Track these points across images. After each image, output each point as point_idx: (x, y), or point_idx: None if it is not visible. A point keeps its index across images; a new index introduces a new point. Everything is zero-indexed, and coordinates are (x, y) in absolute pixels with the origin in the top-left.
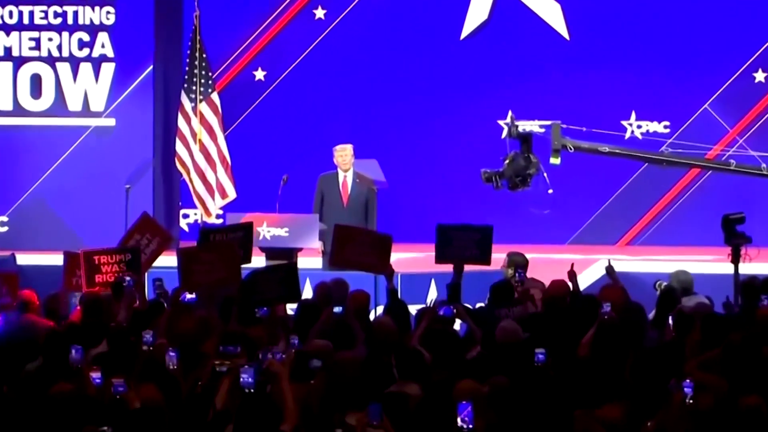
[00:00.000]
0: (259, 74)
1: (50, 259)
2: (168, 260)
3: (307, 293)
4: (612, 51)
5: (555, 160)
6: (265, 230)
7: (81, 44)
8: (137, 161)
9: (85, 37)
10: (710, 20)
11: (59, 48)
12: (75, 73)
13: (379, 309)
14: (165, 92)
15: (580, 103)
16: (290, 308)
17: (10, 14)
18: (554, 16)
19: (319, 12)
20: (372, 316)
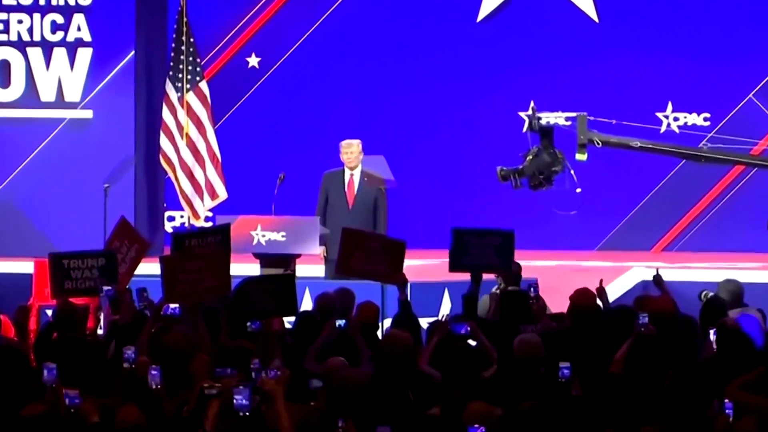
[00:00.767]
0: (253, 60)
1: (19, 267)
2: (153, 268)
3: (307, 304)
4: (646, 35)
5: (581, 156)
6: (260, 234)
7: (54, 27)
8: (117, 158)
9: (59, 19)
10: (755, 0)
11: (30, 31)
12: (48, 60)
13: (387, 322)
14: (148, 81)
15: (610, 93)
16: (287, 321)
17: None
18: None
19: None
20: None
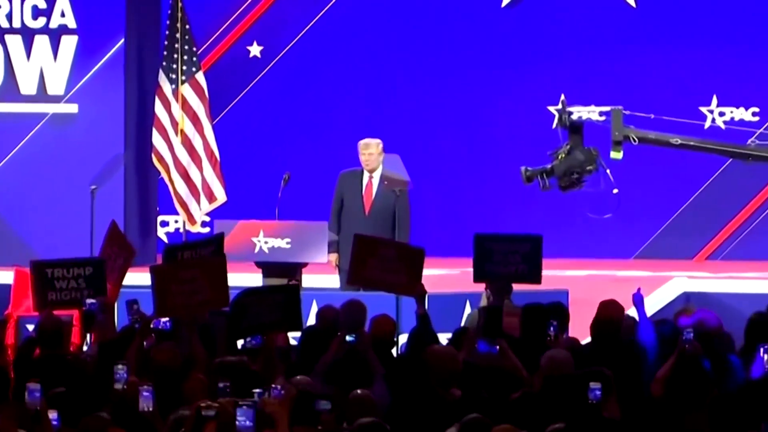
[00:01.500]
0: (255, 50)
1: None
2: (144, 278)
3: (314, 318)
4: (688, 21)
5: (616, 155)
6: (262, 241)
7: (36, 12)
8: (105, 157)
9: (41, 4)
10: None
11: (9, 17)
12: (28, 49)
13: (403, 338)
14: (139, 72)
15: (649, 85)
16: (292, 336)
17: None
18: None
19: None
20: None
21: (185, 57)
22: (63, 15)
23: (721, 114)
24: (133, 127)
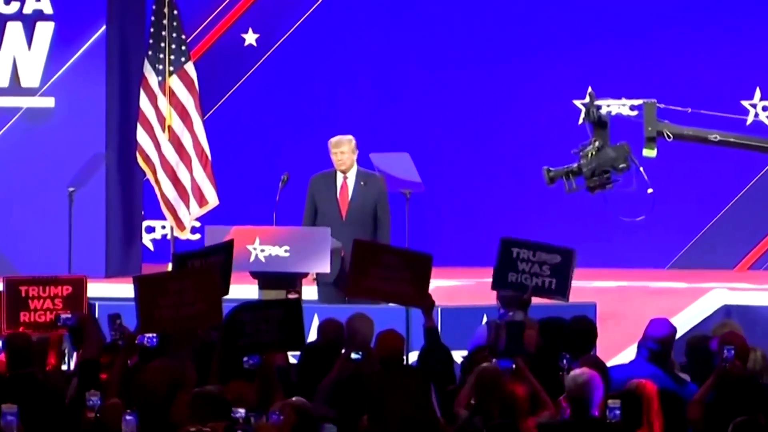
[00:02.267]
0: (250, 37)
1: None
2: (127, 290)
3: (315, 335)
4: (729, 6)
5: (650, 152)
6: (258, 249)
7: None
8: (84, 156)
9: None
10: None
11: None
12: (0, 36)
13: (413, 356)
14: (122, 62)
15: (685, 76)
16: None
17: None
18: None
19: None
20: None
21: (173, 46)
22: (38, 0)
23: (765, 108)
24: (116, 123)
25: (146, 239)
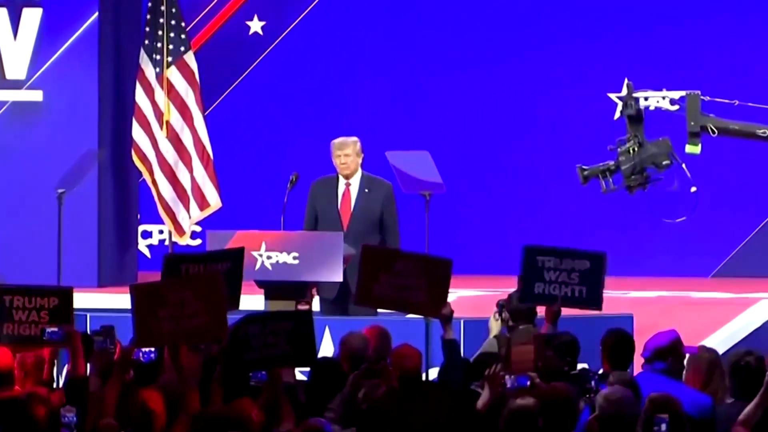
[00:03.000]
0: (255, 25)
1: None
2: (124, 300)
3: (326, 348)
4: None
5: (693, 149)
6: (264, 255)
7: None
8: (75, 153)
9: None
10: None
11: None
12: None
13: (432, 373)
14: (116, 52)
15: (730, 67)
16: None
17: None
18: None
19: None
20: None
21: (172, 34)
22: None
23: None
24: (109, 119)
25: (142, 245)
